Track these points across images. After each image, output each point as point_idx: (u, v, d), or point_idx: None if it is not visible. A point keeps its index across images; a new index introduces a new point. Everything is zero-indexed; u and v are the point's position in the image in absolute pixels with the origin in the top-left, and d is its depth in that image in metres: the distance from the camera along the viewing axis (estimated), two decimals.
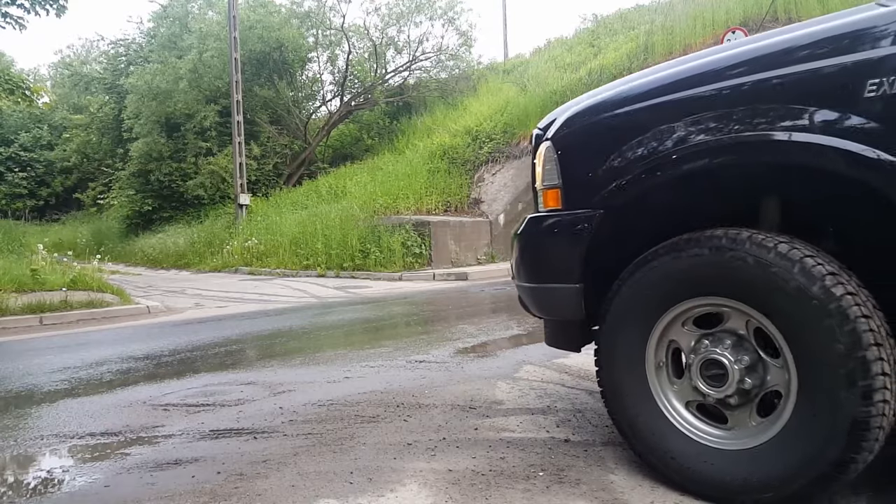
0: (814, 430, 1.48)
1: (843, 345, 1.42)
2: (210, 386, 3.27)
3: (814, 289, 1.46)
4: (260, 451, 2.19)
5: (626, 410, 1.81)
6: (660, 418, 1.75)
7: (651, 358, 1.79)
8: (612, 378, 1.85)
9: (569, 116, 2.01)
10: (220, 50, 17.91)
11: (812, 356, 1.48)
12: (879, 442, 1.45)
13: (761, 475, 1.55)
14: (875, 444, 1.44)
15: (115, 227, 21.82)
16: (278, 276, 11.71)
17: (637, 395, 1.79)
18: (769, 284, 1.52)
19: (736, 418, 1.66)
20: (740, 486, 1.57)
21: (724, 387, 1.63)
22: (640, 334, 1.78)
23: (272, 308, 7.10)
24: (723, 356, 1.63)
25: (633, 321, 1.79)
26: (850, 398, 1.42)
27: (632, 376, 1.80)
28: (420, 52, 20.31)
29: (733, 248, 1.58)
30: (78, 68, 27.71)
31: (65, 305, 7.01)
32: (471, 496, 1.73)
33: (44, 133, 29.03)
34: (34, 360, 4.40)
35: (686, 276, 1.68)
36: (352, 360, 3.78)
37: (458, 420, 2.43)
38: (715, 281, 1.63)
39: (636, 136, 1.77)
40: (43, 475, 2.18)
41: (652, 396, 1.77)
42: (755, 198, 1.74)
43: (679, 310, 1.73)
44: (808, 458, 1.48)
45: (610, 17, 21.23)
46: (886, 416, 1.43)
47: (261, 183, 18.91)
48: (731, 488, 1.59)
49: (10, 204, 26.95)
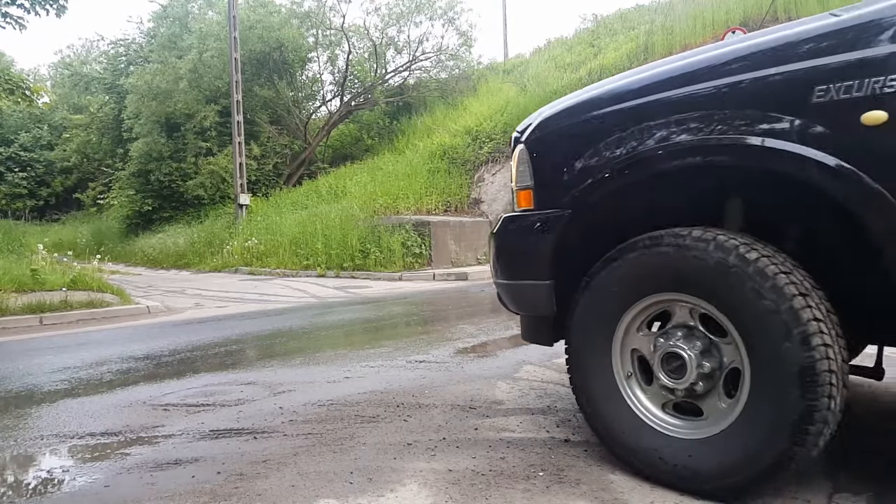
0: (770, 391, 1.55)
1: (771, 301, 1.52)
2: (210, 386, 3.27)
3: (749, 269, 1.56)
4: (260, 451, 2.19)
5: (599, 410, 1.90)
6: (633, 417, 1.82)
7: (618, 358, 1.87)
8: (583, 377, 1.94)
9: (540, 121, 2.11)
10: (220, 50, 17.92)
11: (752, 326, 1.57)
12: (836, 390, 1.50)
13: (736, 452, 1.60)
14: (830, 388, 1.49)
15: (115, 227, 21.82)
16: (278, 276, 11.71)
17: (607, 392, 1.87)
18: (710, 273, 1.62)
19: (709, 406, 1.72)
20: (723, 471, 1.63)
21: (686, 376, 1.71)
22: (606, 331, 1.87)
23: (272, 308, 7.10)
24: (678, 347, 1.73)
25: (598, 317, 1.88)
26: (790, 347, 1.50)
27: (602, 379, 1.88)
28: (420, 52, 20.33)
29: (681, 245, 1.67)
30: (78, 68, 27.73)
31: (65, 305, 7.00)
32: (471, 496, 1.73)
33: (44, 133, 29.03)
34: (34, 360, 4.40)
35: (643, 273, 1.77)
36: (352, 360, 3.78)
37: (458, 420, 2.43)
38: (666, 276, 1.73)
39: (601, 140, 1.87)
40: (43, 475, 2.17)
41: (622, 396, 1.85)
42: (715, 198, 1.83)
43: (639, 308, 1.82)
44: (771, 425, 1.54)
45: (610, 17, 21.25)
46: (831, 358, 1.49)
47: (261, 183, 18.91)
48: (714, 475, 1.64)
49: (10, 204, 26.95)
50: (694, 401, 1.74)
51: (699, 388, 1.71)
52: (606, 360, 1.88)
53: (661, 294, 1.77)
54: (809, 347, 1.49)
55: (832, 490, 1.67)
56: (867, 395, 2.53)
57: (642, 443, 1.79)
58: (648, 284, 1.78)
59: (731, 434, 1.62)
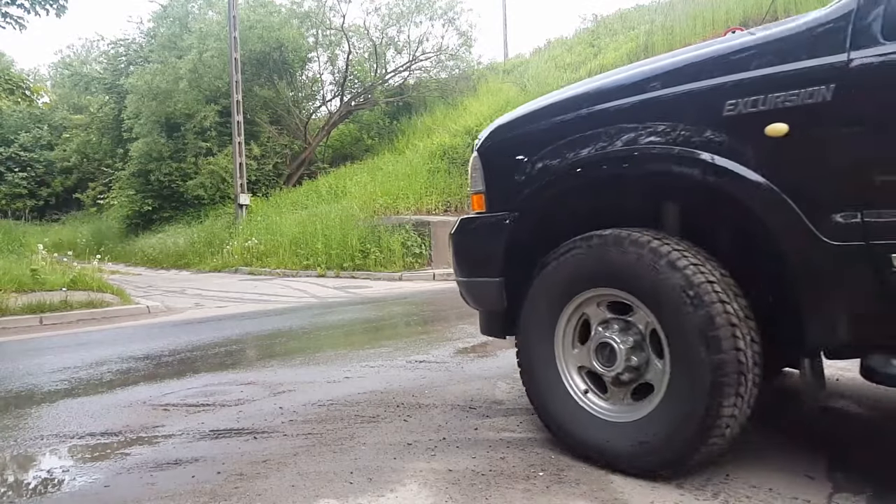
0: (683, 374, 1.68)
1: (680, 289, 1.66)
2: (210, 386, 3.27)
3: (661, 262, 1.70)
4: (260, 451, 2.19)
5: (542, 397, 2.04)
6: (575, 406, 1.96)
7: (560, 349, 2.00)
8: (529, 366, 2.08)
9: (491, 131, 2.29)
10: (220, 50, 17.91)
11: (666, 314, 1.71)
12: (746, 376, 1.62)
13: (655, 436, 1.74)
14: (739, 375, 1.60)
15: (115, 227, 21.82)
16: (278, 276, 11.71)
17: (552, 381, 2.00)
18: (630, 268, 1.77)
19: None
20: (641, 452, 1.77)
21: (616, 364, 1.85)
22: (549, 325, 2.00)
23: (272, 308, 7.10)
24: (610, 339, 1.86)
25: (542, 312, 2.02)
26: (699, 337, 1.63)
27: (549, 366, 2.01)
28: (420, 53, 20.32)
29: (607, 244, 1.83)
30: (78, 68, 27.69)
31: (65, 305, 7.00)
32: (471, 496, 1.73)
33: (44, 133, 29.02)
34: (34, 360, 4.40)
35: (578, 270, 1.92)
36: (352, 360, 3.78)
37: (458, 420, 2.43)
38: (597, 272, 1.88)
39: (542, 149, 2.02)
40: (43, 475, 2.18)
41: (563, 384, 1.99)
42: (649, 202, 1.97)
43: (577, 302, 1.96)
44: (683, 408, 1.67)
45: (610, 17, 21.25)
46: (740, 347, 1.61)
47: (261, 183, 18.91)
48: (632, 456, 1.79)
49: (10, 204, 26.95)
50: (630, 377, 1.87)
51: (625, 377, 1.84)
52: (550, 351, 2.00)
53: (594, 289, 1.91)
54: (715, 330, 1.61)
55: (832, 490, 1.67)
56: (867, 394, 2.53)
57: (578, 425, 1.94)
58: (583, 280, 1.92)
59: (652, 419, 1.75)
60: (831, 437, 2.12)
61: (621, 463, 1.82)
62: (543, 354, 2.02)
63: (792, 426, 2.24)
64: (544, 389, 2.03)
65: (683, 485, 1.73)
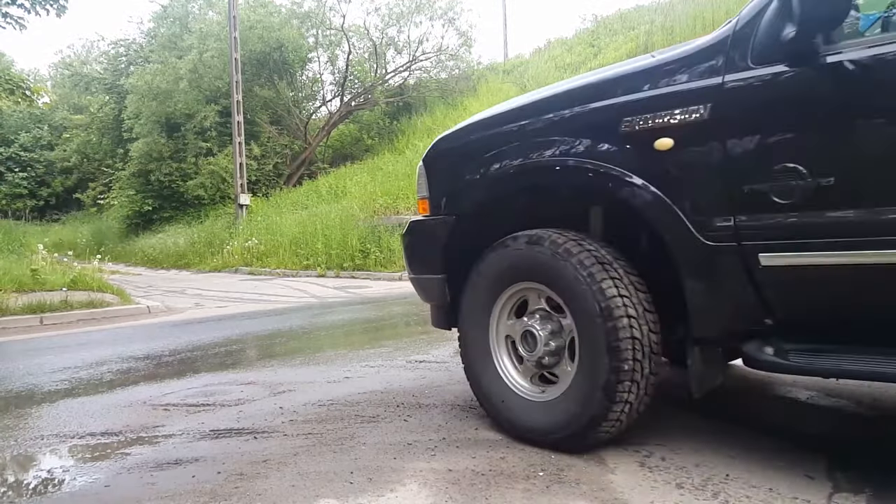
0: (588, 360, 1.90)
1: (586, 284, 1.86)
2: (210, 386, 3.27)
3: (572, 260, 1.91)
4: (260, 451, 2.19)
5: (480, 382, 2.25)
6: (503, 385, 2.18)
7: (493, 338, 2.21)
8: (468, 355, 2.29)
9: (435, 142, 2.52)
10: (220, 50, 17.91)
11: (576, 306, 1.92)
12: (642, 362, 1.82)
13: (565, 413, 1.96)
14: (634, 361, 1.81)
15: (115, 227, 21.81)
16: (278, 276, 11.71)
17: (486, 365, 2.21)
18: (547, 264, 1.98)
19: (560, 371, 2.06)
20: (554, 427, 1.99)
21: (536, 349, 2.05)
22: (484, 316, 2.22)
23: (272, 308, 7.10)
24: (532, 327, 2.06)
25: (478, 305, 2.23)
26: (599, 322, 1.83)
27: (484, 352, 2.23)
28: (420, 53, 20.32)
29: (530, 243, 2.03)
30: (78, 68, 27.69)
31: (65, 305, 7.01)
32: (471, 496, 1.73)
33: (44, 133, 29.02)
34: (34, 360, 4.40)
35: (506, 267, 2.13)
36: (352, 360, 3.78)
37: (458, 420, 2.43)
38: (522, 268, 2.08)
39: (474, 159, 2.26)
40: (43, 475, 2.18)
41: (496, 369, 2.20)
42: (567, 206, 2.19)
43: (507, 295, 2.16)
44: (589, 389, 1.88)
45: (610, 17, 21.26)
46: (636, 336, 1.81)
47: (261, 183, 18.91)
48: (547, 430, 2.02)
49: (10, 204, 26.94)
50: (549, 371, 2.09)
51: (546, 361, 2.05)
52: (485, 340, 2.22)
53: (521, 283, 2.11)
54: (613, 320, 1.81)
55: (832, 490, 1.67)
56: (867, 394, 2.54)
57: (507, 405, 2.16)
58: (510, 275, 2.13)
59: (564, 398, 1.97)
60: (831, 437, 2.12)
61: (536, 435, 2.05)
62: (479, 340, 2.23)
63: (792, 426, 2.24)
64: (479, 371, 2.25)
65: (684, 485, 1.73)
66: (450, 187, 2.36)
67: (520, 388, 2.14)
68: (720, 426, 2.22)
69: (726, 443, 2.02)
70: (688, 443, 2.04)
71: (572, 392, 1.94)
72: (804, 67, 1.59)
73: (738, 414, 2.38)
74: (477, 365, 2.25)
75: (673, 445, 2.03)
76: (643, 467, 1.87)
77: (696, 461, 1.89)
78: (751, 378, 2.84)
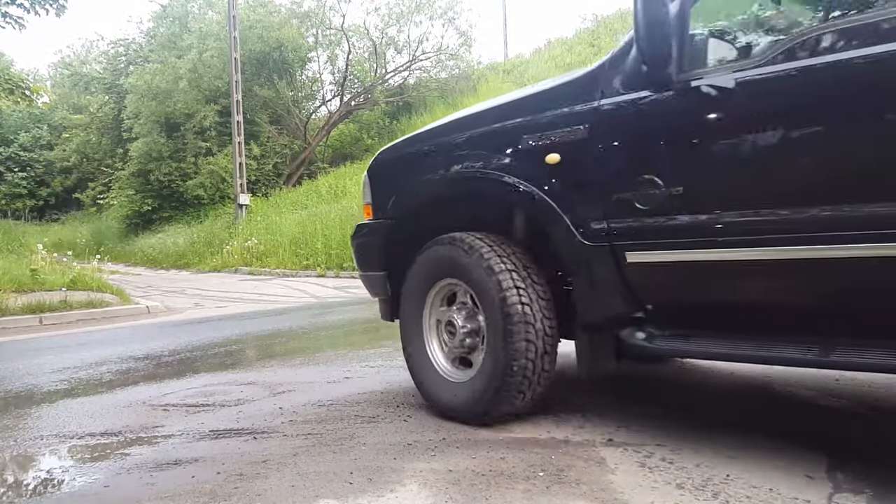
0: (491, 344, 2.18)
1: (488, 277, 2.15)
2: (210, 386, 3.27)
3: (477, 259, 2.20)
4: (260, 451, 2.19)
5: (415, 365, 2.55)
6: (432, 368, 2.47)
7: (426, 326, 2.49)
8: (407, 342, 2.57)
9: (377, 155, 2.84)
10: (219, 50, 17.90)
11: (482, 297, 2.21)
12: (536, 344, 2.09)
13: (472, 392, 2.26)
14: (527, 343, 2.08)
15: (115, 227, 21.80)
16: (278, 276, 11.71)
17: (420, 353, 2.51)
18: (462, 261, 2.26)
19: (474, 357, 2.34)
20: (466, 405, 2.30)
21: (456, 337, 2.35)
22: (418, 308, 2.50)
23: (272, 308, 7.10)
24: (453, 317, 2.35)
25: (413, 298, 2.52)
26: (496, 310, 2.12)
27: (419, 341, 2.50)
28: (420, 52, 20.32)
29: (450, 244, 2.31)
30: (78, 68, 27.68)
31: (64, 305, 7.01)
32: (471, 496, 1.73)
33: (43, 133, 28.98)
34: (34, 360, 4.40)
35: (433, 264, 2.41)
36: (352, 360, 3.78)
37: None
38: (445, 265, 2.36)
39: (406, 170, 2.62)
40: (43, 475, 2.17)
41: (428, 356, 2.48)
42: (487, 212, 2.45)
43: (436, 289, 2.44)
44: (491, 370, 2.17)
45: (610, 17, 21.27)
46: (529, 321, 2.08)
47: (261, 183, 18.90)
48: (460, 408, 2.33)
49: (9, 204, 26.91)
50: (468, 355, 2.37)
51: (467, 343, 2.33)
52: (419, 329, 2.49)
53: (446, 279, 2.39)
54: (508, 307, 2.08)
55: (832, 490, 1.67)
56: (867, 394, 2.54)
57: (434, 386, 2.44)
58: (436, 272, 2.41)
59: (477, 377, 2.25)
60: (831, 437, 2.12)
61: (457, 413, 2.34)
62: (414, 329, 2.51)
63: (792, 426, 2.24)
64: (415, 357, 2.53)
65: (684, 485, 1.73)
66: (388, 194, 2.66)
67: (445, 370, 2.43)
68: (720, 426, 2.22)
69: (726, 443, 2.02)
70: (688, 443, 2.04)
71: (482, 371, 2.22)
72: (658, 93, 1.86)
73: (738, 414, 2.38)
74: (413, 351, 2.53)
75: (673, 446, 2.02)
76: (643, 467, 1.87)
77: (697, 461, 1.89)
78: (750, 379, 2.84)
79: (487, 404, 2.20)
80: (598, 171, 1.98)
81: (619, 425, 2.25)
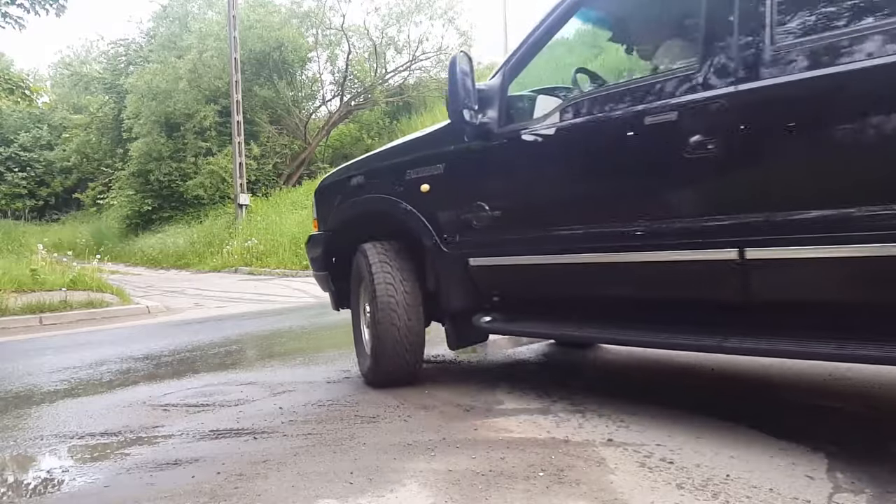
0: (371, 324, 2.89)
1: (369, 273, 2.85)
2: (210, 386, 3.27)
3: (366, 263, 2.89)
4: (260, 451, 2.19)
5: (357, 343, 3.25)
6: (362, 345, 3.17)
7: (361, 312, 3.14)
8: (356, 326, 3.24)
9: (322, 178, 3.70)
10: (219, 50, 17.90)
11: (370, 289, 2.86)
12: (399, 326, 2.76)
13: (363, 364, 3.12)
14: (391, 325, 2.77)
15: (115, 227, 21.79)
16: (278, 276, 11.70)
17: (358, 333, 3.21)
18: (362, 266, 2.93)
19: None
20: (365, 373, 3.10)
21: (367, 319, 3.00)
22: (356, 298, 3.20)
23: (272, 308, 7.10)
24: (367, 307, 2.95)
25: (353, 293, 3.21)
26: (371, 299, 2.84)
27: (357, 324, 3.21)
28: (420, 52, 20.32)
29: (359, 251, 2.98)
30: (78, 68, 27.67)
31: (64, 305, 7.01)
32: (471, 496, 1.73)
33: (43, 133, 28.99)
34: (34, 360, 4.40)
35: (356, 267, 3.05)
36: (352, 359, 3.78)
37: (458, 420, 2.43)
38: (357, 268, 3.04)
39: (339, 192, 3.30)
40: (42, 475, 2.18)
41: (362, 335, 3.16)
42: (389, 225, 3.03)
43: (362, 285, 3.02)
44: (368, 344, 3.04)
45: None
46: (393, 308, 2.76)
47: (260, 183, 18.91)
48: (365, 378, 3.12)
49: (9, 204, 26.92)
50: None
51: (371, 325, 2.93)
52: (358, 317, 3.19)
53: (361, 278, 2.97)
54: (378, 297, 2.76)
55: (832, 490, 1.67)
56: (867, 394, 2.54)
57: (360, 355, 3.19)
58: (358, 273, 3.04)
59: (371, 350, 2.95)
60: (831, 437, 2.12)
61: (367, 380, 3.06)
62: (356, 317, 3.22)
63: (792, 426, 2.24)
64: (357, 339, 3.22)
65: (684, 485, 1.73)
66: (328, 211, 3.37)
67: (367, 344, 3.05)
68: (720, 426, 2.22)
69: (726, 443, 2.02)
70: (688, 443, 2.04)
71: (371, 346, 2.92)
72: (485, 142, 2.54)
73: (738, 414, 2.37)
74: (356, 333, 3.23)
75: (673, 446, 2.02)
76: (643, 467, 1.87)
77: (697, 461, 1.89)
78: (750, 379, 2.84)
79: (376, 370, 2.92)
80: (450, 198, 2.68)
81: (619, 425, 2.25)
